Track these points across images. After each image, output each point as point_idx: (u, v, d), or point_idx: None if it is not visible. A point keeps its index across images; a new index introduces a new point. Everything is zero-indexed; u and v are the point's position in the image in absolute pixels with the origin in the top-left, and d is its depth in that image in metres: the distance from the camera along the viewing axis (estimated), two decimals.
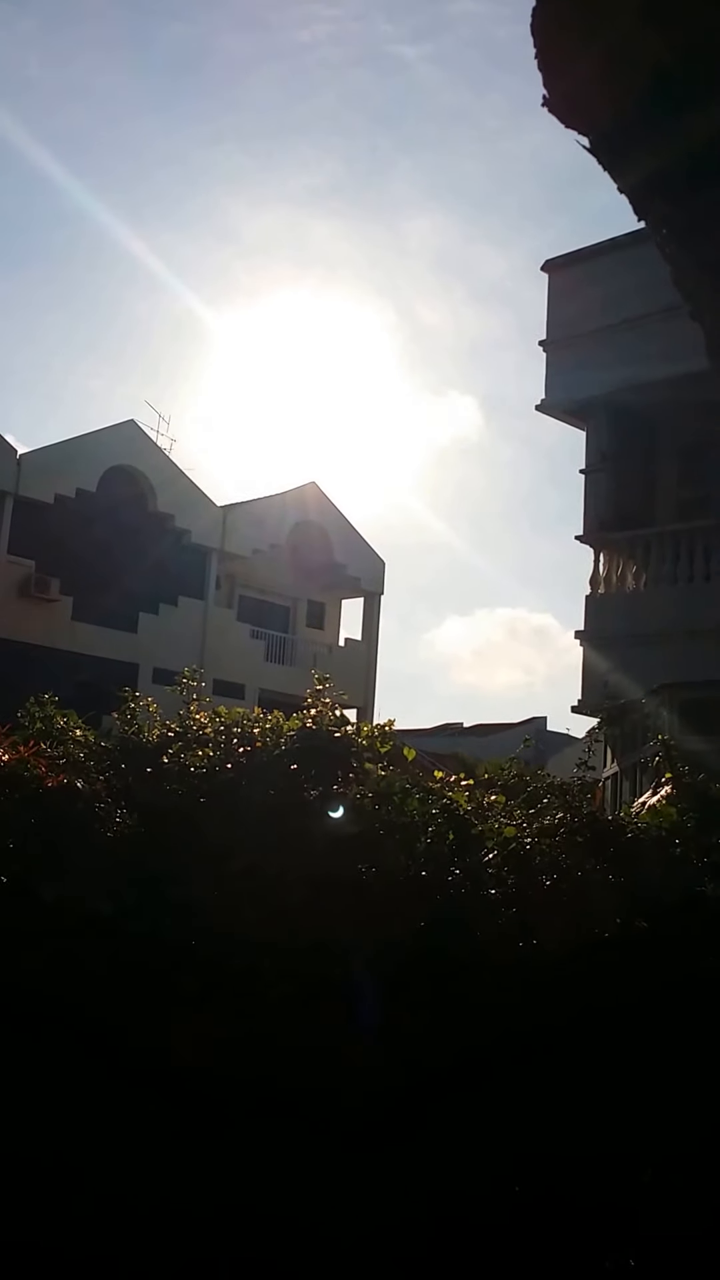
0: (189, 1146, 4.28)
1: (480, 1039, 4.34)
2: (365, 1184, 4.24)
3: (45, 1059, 4.37)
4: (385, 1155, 4.26)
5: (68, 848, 4.70)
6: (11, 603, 35.29)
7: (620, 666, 16.00)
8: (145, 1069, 4.34)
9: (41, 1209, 4.23)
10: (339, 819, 4.85)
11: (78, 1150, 4.27)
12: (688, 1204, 4.27)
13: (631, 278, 16.65)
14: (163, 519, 39.22)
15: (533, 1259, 4.20)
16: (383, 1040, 4.38)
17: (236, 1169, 4.28)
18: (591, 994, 4.37)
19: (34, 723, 5.71)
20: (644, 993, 4.42)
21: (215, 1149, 4.29)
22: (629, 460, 17.92)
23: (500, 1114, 4.25)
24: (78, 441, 37.77)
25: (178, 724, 5.53)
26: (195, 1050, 4.37)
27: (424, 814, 4.95)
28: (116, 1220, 4.23)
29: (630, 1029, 4.37)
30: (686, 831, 5.24)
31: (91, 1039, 4.38)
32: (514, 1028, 4.33)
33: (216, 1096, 4.33)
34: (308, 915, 4.52)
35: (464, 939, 4.47)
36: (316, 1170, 4.24)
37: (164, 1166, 4.25)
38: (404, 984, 4.42)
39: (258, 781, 5.02)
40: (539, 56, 2.87)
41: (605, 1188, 4.29)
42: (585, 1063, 4.30)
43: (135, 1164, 4.25)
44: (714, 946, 4.59)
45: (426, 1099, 4.29)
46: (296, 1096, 4.32)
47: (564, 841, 4.91)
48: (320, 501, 43.73)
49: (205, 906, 4.59)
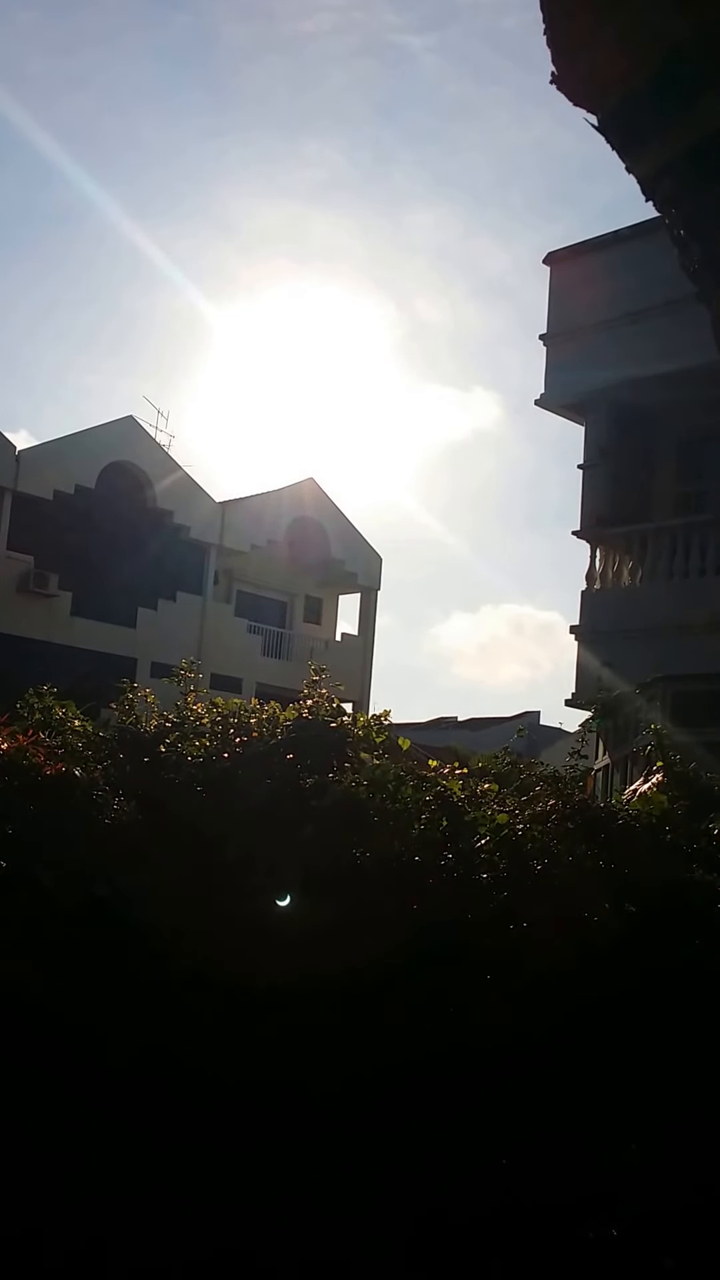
0: (180, 1131, 4.33)
1: (471, 1020, 4.41)
2: (356, 1166, 4.30)
3: (41, 1044, 4.43)
4: (376, 1135, 4.32)
5: (66, 835, 4.77)
6: (10, 598, 35.37)
7: (614, 661, 16.06)
8: (140, 1056, 4.39)
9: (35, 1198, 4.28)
10: (334, 806, 4.92)
11: (70, 1139, 4.31)
12: (670, 1177, 4.35)
13: (633, 272, 16.70)
14: (161, 515, 39.28)
15: (518, 1229, 4.28)
16: (377, 1023, 4.44)
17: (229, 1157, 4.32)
18: (580, 976, 4.44)
19: (33, 713, 5.79)
20: (631, 974, 4.50)
21: (206, 1134, 4.34)
22: (627, 455, 17.95)
23: (489, 1093, 4.33)
24: (77, 437, 37.85)
25: (175, 715, 5.61)
26: (190, 1035, 4.43)
27: (418, 801, 5.02)
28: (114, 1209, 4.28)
29: (618, 1009, 4.45)
30: (677, 819, 5.32)
31: (87, 1026, 4.43)
32: (503, 1007, 4.40)
33: (209, 1083, 4.39)
34: (302, 900, 4.59)
35: (455, 923, 4.54)
36: (309, 1155, 4.31)
37: (157, 1155, 4.30)
38: (396, 968, 4.48)
39: (254, 770, 5.09)
40: (548, 33, 2.81)
41: (591, 1161, 4.37)
42: (574, 1041, 4.37)
43: (129, 1153, 4.29)
44: (701, 930, 4.67)
45: (417, 1079, 4.36)
46: (291, 1082, 4.38)
47: (556, 828, 4.98)
48: (318, 497, 43.82)
49: (202, 893, 4.66)
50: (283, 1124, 4.33)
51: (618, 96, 2.79)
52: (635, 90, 2.74)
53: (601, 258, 17.89)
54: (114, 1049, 4.42)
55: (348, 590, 46.56)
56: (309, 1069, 4.37)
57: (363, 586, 45.65)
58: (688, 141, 2.72)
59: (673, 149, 2.76)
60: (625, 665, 15.87)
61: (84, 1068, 4.38)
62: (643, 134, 2.82)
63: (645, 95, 2.73)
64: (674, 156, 2.78)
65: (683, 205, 2.88)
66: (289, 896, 4.66)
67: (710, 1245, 4.39)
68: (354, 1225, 4.28)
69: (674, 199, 2.89)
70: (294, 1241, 4.25)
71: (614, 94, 2.79)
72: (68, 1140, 4.31)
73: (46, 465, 36.36)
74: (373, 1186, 4.30)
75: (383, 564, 45.72)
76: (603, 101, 2.84)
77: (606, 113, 2.85)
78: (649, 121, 2.78)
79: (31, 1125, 4.35)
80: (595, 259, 18.02)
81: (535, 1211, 4.29)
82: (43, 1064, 4.39)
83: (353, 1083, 4.36)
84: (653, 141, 2.80)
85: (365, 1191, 4.29)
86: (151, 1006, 4.47)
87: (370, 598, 45.92)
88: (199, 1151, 4.30)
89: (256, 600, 43.82)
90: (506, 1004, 4.42)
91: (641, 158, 2.86)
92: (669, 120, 2.73)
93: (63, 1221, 4.26)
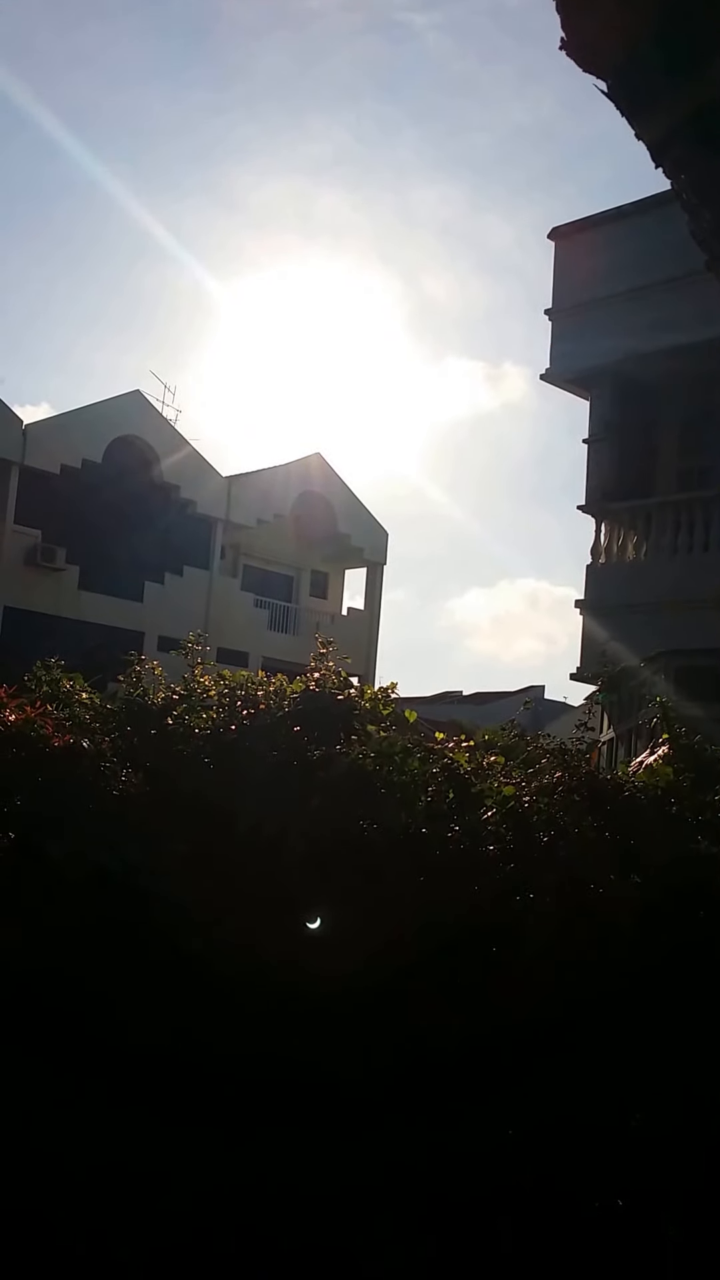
0: (188, 1104, 4.35)
1: (478, 991, 4.43)
2: (363, 1139, 4.32)
3: (48, 1015, 4.45)
4: (382, 1107, 4.35)
5: (74, 806, 4.78)
6: (18, 572, 35.43)
7: (619, 635, 16.07)
8: (147, 1029, 4.41)
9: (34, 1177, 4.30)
10: (341, 778, 4.92)
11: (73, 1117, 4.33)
12: (675, 1149, 4.38)
13: (638, 246, 16.63)
14: (168, 489, 39.25)
15: (524, 1200, 4.31)
16: (384, 995, 4.46)
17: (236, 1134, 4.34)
18: (585, 947, 4.46)
19: (40, 686, 5.79)
20: (637, 945, 4.52)
21: (214, 1108, 4.36)
22: (632, 430, 17.91)
23: (493, 1065, 4.35)
24: (83, 412, 37.78)
25: (182, 688, 5.61)
26: (198, 1007, 4.45)
27: (424, 773, 5.03)
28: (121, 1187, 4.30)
29: (624, 980, 4.47)
30: (682, 791, 5.33)
31: (94, 997, 4.45)
32: (509, 979, 4.42)
33: (217, 1057, 4.41)
34: (309, 871, 4.61)
35: (462, 895, 4.55)
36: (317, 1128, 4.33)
37: (167, 1129, 4.31)
38: (403, 939, 4.50)
39: (261, 742, 5.09)
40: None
41: (596, 1133, 4.40)
42: (579, 1012, 4.39)
43: (137, 1129, 4.31)
44: (706, 901, 4.69)
45: (423, 1051, 4.38)
46: (296, 1055, 4.40)
47: (562, 800, 4.99)
48: (324, 472, 43.76)
49: (209, 864, 4.68)
50: (289, 1097, 4.35)
51: (626, 59, 2.74)
52: (643, 52, 2.69)
53: (606, 232, 17.79)
54: (121, 1022, 4.44)
55: (354, 565, 46.54)
56: (315, 1042, 4.39)
57: (369, 561, 45.61)
58: (697, 104, 2.68)
59: (682, 112, 2.72)
60: (630, 640, 15.87)
61: (90, 1041, 4.41)
62: (651, 98, 2.77)
63: (653, 57, 2.68)
64: (683, 120, 2.73)
65: (693, 170, 2.84)
66: (296, 868, 4.67)
67: (714, 1216, 4.42)
68: (363, 1196, 4.31)
69: (684, 164, 2.84)
70: (305, 1217, 4.27)
71: (622, 57, 2.73)
72: (73, 1118, 4.33)
73: (53, 440, 36.32)
74: (381, 1159, 4.32)
75: (389, 539, 45.75)
76: (611, 65, 2.78)
77: (615, 77, 2.80)
78: (657, 85, 2.74)
79: (36, 1101, 4.38)
80: (600, 234, 17.92)
81: (541, 1182, 4.32)
82: (48, 1038, 4.41)
83: (357, 1053, 4.38)
84: (661, 105, 2.76)
85: (373, 1163, 4.32)
86: (158, 978, 4.48)
87: (376, 573, 45.90)
88: (207, 1124, 4.32)
89: (263, 575, 43.81)
90: (512, 976, 4.44)
91: (650, 123, 2.81)
92: (678, 83, 2.69)
93: (67, 1201, 4.28)
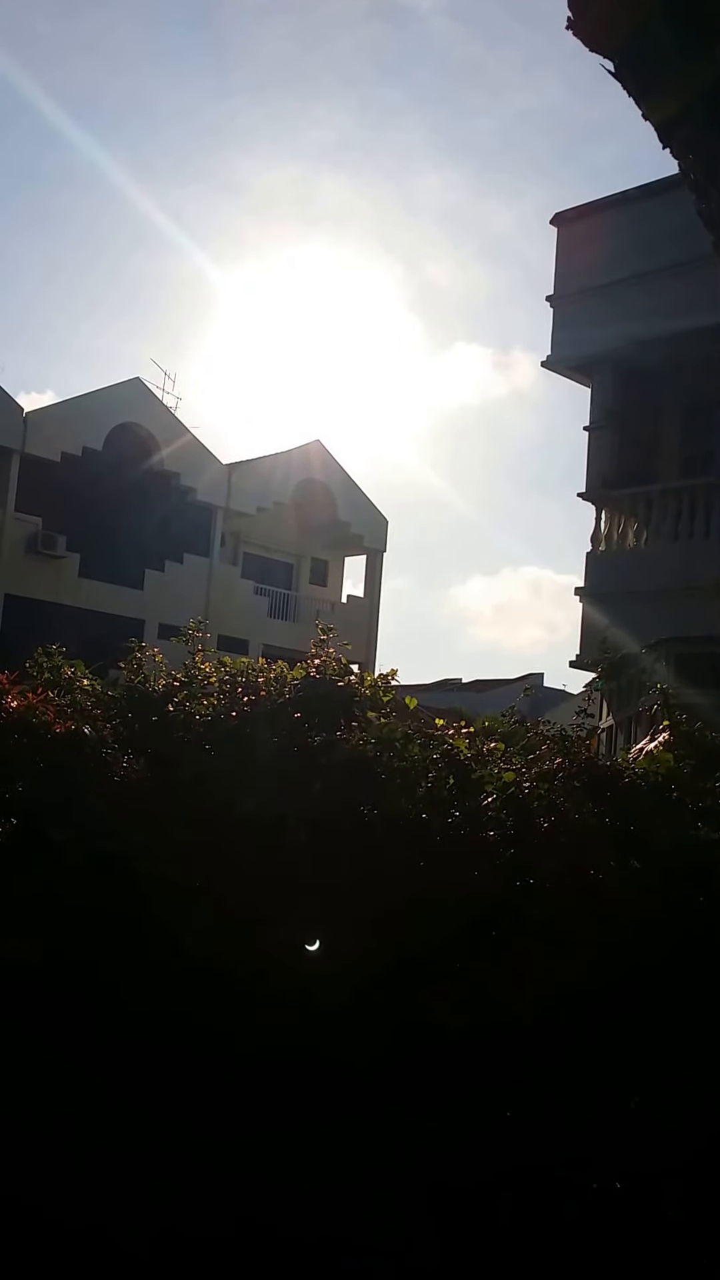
0: (186, 1096, 4.36)
1: (480, 976, 4.45)
2: (365, 1127, 4.34)
3: (50, 1000, 4.46)
4: (383, 1091, 4.36)
5: (75, 792, 4.80)
6: (19, 560, 35.46)
7: (619, 622, 16.07)
8: (149, 1015, 4.43)
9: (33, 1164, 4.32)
10: (342, 764, 4.93)
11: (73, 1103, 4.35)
12: (673, 1131, 4.40)
13: (640, 232, 16.59)
14: (168, 477, 39.24)
15: (523, 1181, 4.33)
16: (385, 979, 4.47)
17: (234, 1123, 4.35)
18: (585, 931, 4.47)
19: (41, 673, 5.80)
20: (637, 929, 4.53)
21: (216, 1096, 4.37)
22: (633, 417, 17.88)
23: (492, 1047, 4.36)
24: (84, 399, 37.76)
25: (183, 674, 5.61)
26: (199, 993, 4.46)
27: (425, 759, 5.04)
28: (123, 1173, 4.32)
29: (622, 964, 4.48)
30: (683, 777, 5.32)
31: (97, 983, 4.47)
32: (511, 964, 4.43)
33: (219, 1042, 4.42)
34: (310, 857, 4.62)
35: (462, 880, 4.56)
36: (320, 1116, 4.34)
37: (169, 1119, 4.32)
38: (404, 925, 4.51)
39: (262, 728, 5.10)
40: None
41: (595, 1114, 4.42)
42: (578, 996, 4.40)
43: (133, 1115, 4.32)
44: (706, 887, 4.69)
45: (423, 1035, 4.40)
46: (296, 1041, 4.41)
47: (562, 786, 5.00)
48: (324, 460, 43.74)
49: (210, 849, 4.68)
50: (288, 1082, 4.37)
51: (633, 38, 2.75)
52: (650, 32, 2.70)
53: (608, 218, 17.73)
54: (121, 1007, 4.45)
55: (354, 553, 46.56)
56: (315, 1027, 4.40)
57: (369, 549, 45.62)
58: (704, 84, 2.68)
59: (689, 93, 2.72)
60: (630, 627, 15.86)
61: (90, 1027, 4.42)
62: (658, 78, 2.78)
63: (660, 37, 2.69)
64: (691, 100, 2.73)
65: (700, 150, 2.85)
66: (297, 854, 4.68)
67: (714, 1197, 4.44)
68: (363, 1182, 4.33)
69: (692, 144, 2.85)
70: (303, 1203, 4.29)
71: (629, 36, 2.75)
72: (72, 1104, 4.34)
73: (54, 427, 36.31)
74: (381, 1144, 4.34)
75: (389, 526, 45.75)
76: (618, 45, 2.80)
77: (622, 56, 2.81)
78: (665, 65, 2.74)
79: (37, 1087, 4.39)
80: (602, 220, 17.85)
81: (540, 1164, 4.34)
82: (49, 1023, 4.43)
83: (357, 1037, 4.39)
84: (669, 85, 2.76)
85: (374, 1148, 4.33)
86: (159, 964, 4.50)
87: (376, 560, 45.91)
88: (207, 1110, 4.33)
89: (263, 562, 43.84)
90: (513, 960, 4.45)
91: (658, 103, 2.82)
92: (685, 63, 2.69)
93: (66, 1189, 4.30)
